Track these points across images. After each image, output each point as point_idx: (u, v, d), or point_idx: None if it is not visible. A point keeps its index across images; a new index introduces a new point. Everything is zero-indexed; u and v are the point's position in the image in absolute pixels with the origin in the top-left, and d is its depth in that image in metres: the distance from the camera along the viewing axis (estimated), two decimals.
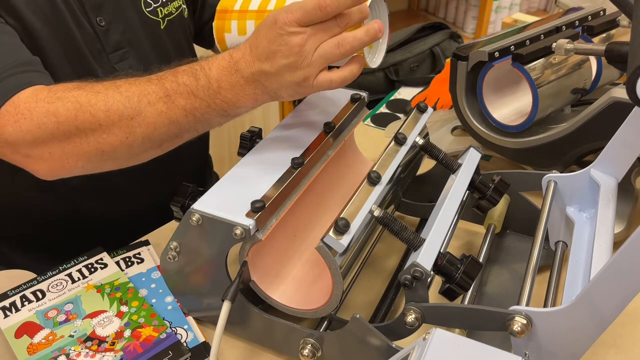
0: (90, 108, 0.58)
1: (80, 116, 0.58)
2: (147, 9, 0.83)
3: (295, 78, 0.56)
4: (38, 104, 0.59)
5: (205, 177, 1.08)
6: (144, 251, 0.76)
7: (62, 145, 0.59)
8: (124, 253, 0.76)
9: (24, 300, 0.68)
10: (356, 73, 0.57)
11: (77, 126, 0.58)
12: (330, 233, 0.52)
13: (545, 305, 0.60)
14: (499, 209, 0.73)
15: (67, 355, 0.61)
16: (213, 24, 0.66)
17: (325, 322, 0.62)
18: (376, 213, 0.56)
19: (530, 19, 1.20)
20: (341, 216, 0.53)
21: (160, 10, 0.84)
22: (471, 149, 0.70)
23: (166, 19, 0.85)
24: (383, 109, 1.18)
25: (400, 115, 1.15)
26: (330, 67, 0.58)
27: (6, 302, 0.67)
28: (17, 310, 0.67)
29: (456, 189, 0.63)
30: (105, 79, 0.61)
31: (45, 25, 0.71)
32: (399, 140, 0.66)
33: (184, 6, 0.88)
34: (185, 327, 0.65)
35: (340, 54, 0.55)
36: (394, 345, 0.53)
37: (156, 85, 0.59)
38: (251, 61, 0.56)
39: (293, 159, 0.61)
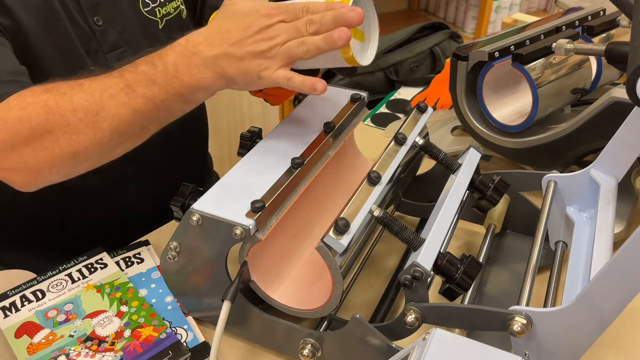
0: (59, 109, 0.58)
1: (51, 119, 0.58)
2: (145, 9, 0.83)
3: (257, 66, 0.57)
4: (10, 112, 0.59)
5: (205, 177, 1.08)
6: (144, 251, 0.76)
7: (35, 152, 0.59)
8: (124, 253, 0.76)
9: (24, 300, 0.68)
10: (317, 87, 0.58)
11: (49, 129, 0.58)
12: (330, 233, 0.52)
13: (545, 305, 0.60)
14: (499, 209, 0.73)
15: (67, 355, 0.61)
16: None
17: (325, 322, 0.62)
18: (376, 213, 0.56)
19: (530, 19, 1.20)
20: (341, 216, 0.53)
21: (159, 10, 0.84)
22: (471, 149, 0.70)
23: (164, 19, 0.85)
24: (383, 109, 1.18)
25: (400, 115, 1.15)
26: None
27: (6, 302, 0.67)
28: (17, 310, 0.67)
29: (456, 189, 0.63)
30: (70, 79, 0.61)
31: (39, 24, 0.71)
32: (399, 140, 0.66)
33: (183, 7, 0.88)
34: (185, 327, 0.65)
35: (301, 52, 0.57)
36: (394, 345, 0.53)
37: (117, 77, 0.60)
38: (216, 44, 0.58)
39: (293, 159, 0.61)
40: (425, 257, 0.53)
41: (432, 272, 0.53)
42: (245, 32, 0.57)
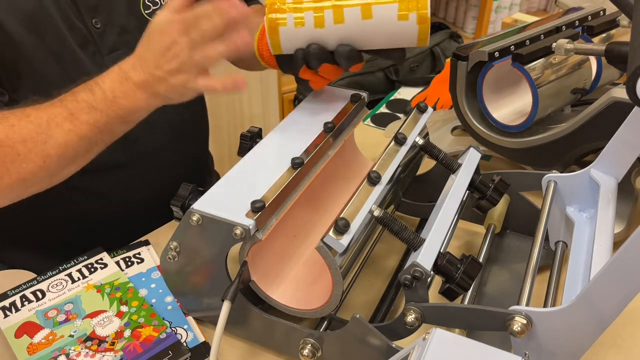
0: (9, 141, 0.61)
1: (2, 151, 0.61)
2: (146, 11, 0.83)
3: (179, 81, 0.62)
4: None
5: (205, 177, 1.08)
6: (144, 251, 0.76)
7: None
8: (124, 253, 0.76)
9: (24, 300, 0.68)
10: (238, 83, 0.63)
11: None
12: (330, 233, 0.52)
13: (545, 305, 0.60)
14: (499, 209, 0.73)
15: (67, 355, 0.61)
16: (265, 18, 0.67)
17: (325, 322, 0.62)
18: (376, 213, 0.56)
19: (530, 19, 1.20)
20: (341, 216, 0.53)
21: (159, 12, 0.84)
22: (471, 149, 0.70)
23: None
24: (383, 109, 1.18)
25: (400, 115, 1.15)
26: None
27: (6, 302, 0.67)
28: (17, 310, 0.67)
29: (456, 189, 0.63)
30: (15, 109, 0.64)
31: (31, 31, 0.71)
32: (399, 140, 0.66)
33: None
34: (185, 327, 0.65)
35: (208, 62, 0.62)
36: (394, 345, 0.53)
37: (59, 107, 0.63)
38: (140, 69, 0.63)
39: (293, 159, 0.61)
40: (425, 257, 0.53)
41: (432, 272, 0.53)
42: (156, 55, 0.62)
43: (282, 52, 0.66)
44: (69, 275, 0.71)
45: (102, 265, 0.73)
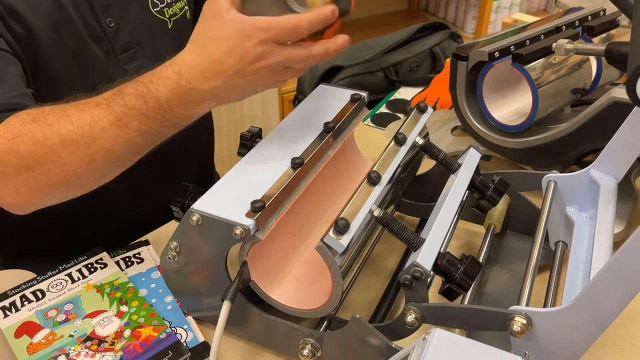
0: (47, 142, 0.58)
1: (40, 151, 0.58)
2: (155, 9, 0.83)
3: (257, 88, 0.58)
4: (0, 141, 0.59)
5: (205, 177, 1.08)
6: (143, 251, 0.76)
7: (28, 181, 0.60)
8: (124, 253, 0.76)
9: (23, 300, 0.68)
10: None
11: (39, 161, 0.59)
12: (330, 233, 0.52)
13: (545, 305, 0.60)
14: (499, 209, 0.73)
15: (67, 355, 0.61)
16: None
17: (325, 322, 0.62)
18: (376, 213, 0.56)
19: (530, 19, 1.20)
20: (341, 216, 0.53)
21: (166, 10, 0.85)
22: (471, 149, 0.70)
23: (172, 19, 0.86)
24: (383, 109, 1.18)
25: (400, 115, 1.15)
26: None
27: (6, 302, 0.67)
28: (17, 310, 0.67)
29: (456, 189, 0.63)
30: (55, 105, 0.61)
31: (51, 28, 0.72)
32: (399, 140, 0.66)
33: (187, 7, 0.89)
34: (185, 327, 0.65)
35: (291, 75, 0.59)
36: (393, 345, 0.53)
37: (105, 110, 0.59)
38: (212, 78, 0.56)
39: (293, 159, 0.61)
40: (425, 257, 0.53)
41: (432, 272, 0.53)
42: (241, 61, 0.55)
43: None
44: (69, 275, 0.71)
45: (102, 265, 0.73)
